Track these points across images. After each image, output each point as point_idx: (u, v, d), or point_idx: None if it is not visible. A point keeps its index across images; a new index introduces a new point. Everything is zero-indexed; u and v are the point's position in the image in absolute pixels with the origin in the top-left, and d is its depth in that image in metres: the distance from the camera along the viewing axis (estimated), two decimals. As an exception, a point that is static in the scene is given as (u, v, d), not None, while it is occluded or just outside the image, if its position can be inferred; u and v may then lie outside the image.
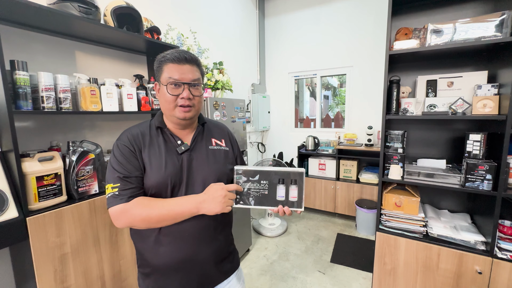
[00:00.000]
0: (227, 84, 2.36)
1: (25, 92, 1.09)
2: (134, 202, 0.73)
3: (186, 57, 0.77)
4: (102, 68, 1.67)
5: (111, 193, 0.74)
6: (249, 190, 0.82)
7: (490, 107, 1.36)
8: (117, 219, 0.73)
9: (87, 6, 1.27)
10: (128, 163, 0.76)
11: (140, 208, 0.72)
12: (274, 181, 0.81)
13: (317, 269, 2.28)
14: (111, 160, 0.78)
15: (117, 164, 0.76)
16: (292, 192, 0.81)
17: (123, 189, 0.73)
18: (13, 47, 1.25)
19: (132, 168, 0.76)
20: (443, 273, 1.47)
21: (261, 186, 0.81)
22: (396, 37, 1.65)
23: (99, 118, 1.66)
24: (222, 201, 0.73)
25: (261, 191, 0.81)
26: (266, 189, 0.81)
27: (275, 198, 0.81)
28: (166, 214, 0.72)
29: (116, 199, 0.73)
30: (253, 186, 0.82)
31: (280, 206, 0.80)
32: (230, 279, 0.92)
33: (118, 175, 0.74)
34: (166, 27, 2.09)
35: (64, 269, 1.18)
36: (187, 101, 0.77)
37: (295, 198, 0.81)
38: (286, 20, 3.85)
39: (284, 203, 0.81)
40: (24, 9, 1.08)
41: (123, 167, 0.75)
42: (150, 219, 0.72)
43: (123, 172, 0.75)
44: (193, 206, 0.74)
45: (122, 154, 0.77)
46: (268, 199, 0.81)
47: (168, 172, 0.77)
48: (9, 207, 1.02)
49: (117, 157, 0.77)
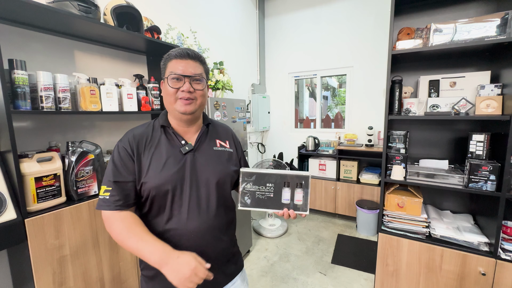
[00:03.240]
0: (228, 84, 2.34)
1: (24, 92, 1.07)
2: (120, 217, 0.73)
3: (188, 53, 0.79)
4: (102, 67, 1.65)
5: (102, 196, 0.75)
6: (254, 193, 0.82)
7: (494, 107, 1.35)
8: (104, 222, 0.76)
9: (87, 5, 1.26)
10: (123, 167, 0.76)
11: (120, 229, 0.72)
12: (279, 184, 0.81)
13: (318, 270, 2.27)
14: (110, 161, 0.78)
15: (113, 166, 0.77)
16: (298, 195, 0.81)
17: (112, 195, 0.74)
18: (12, 46, 1.24)
19: (126, 172, 0.76)
20: (446, 275, 1.46)
21: (267, 189, 0.82)
22: (398, 37, 1.65)
23: (99, 118, 1.64)
24: (182, 279, 0.64)
25: (266, 193, 0.82)
26: (272, 192, 0.81)
27: (280, 201, 0.81)
28: (135, 251, 0.71)
29: (104, 204, 0.74)
30: (258, 189, 0.82)
31: (285, 209, 0.80)
32: (234, 281, 0.90)
33: (111, 179, 0.75)
34: (166, 27, 2.07)
35: (63, 272, 1.16)
36: (187, 94, 0.77)
37: (300, 202, 0.81)
38: (286, 20, 3.84)
39: (289, 206, 0.81)
40: (23, 7, 1.06)
41: (117, 171, 0.76)
42: (123, 244, 0.72)
43: (116, 176, 0.75)
44: (157, 261, 0.67)
45: (120, 157, 0.77)
46: (273, 202, 0.81)
47: (168, 173, 0.76)
48: (7, 208, 1.01)
49: (115, 159, 0.77)
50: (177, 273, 0.64)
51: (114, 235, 0.73)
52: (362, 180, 3.11)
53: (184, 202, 0.77)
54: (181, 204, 0.77)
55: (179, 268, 0.65)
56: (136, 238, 0.70)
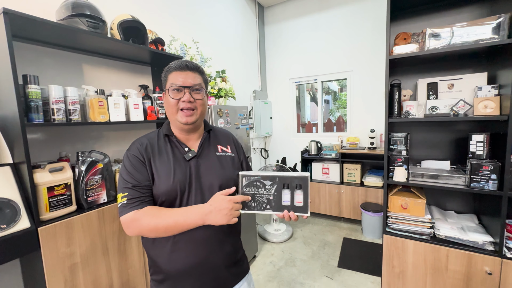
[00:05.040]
0: (230, 91, 2.39)
1: (37, 105, 1.12)
2: (143, 212, 0.75)
3: (187, 64, 0.83)
4: (109, 79, 1.71)
5: (121, 203, 0.77)
6: (254, 196, 0.81)
7: (492, 108, 1.38)
8: (127, 227, 0.76)
9: (95, 21, 1.32)
10: (137, 173, 0.79)
11: (149, 218, 0.74)
12: (279, 186, 0.80)
13: (324, 275, 2.26)
14: (122, 171, 0.81)
15: (126, 174, 0.79)
16: (298, 197, 0.80)
17: (132, 198, 0.76)
18: (25, 62, 1.30)
19: (141, 177, 0.79)
20: (453, 275, 1.46)
21: (266, 192, 0.81)
22: (395, 42, 1.69)
23: (107, 128, 1.69)
24: (228, 213, 0.73)
25: (266, 196, 0.81)
26: (271, 194, 0.80)
27: (281, 203, 0.80)
28: (173, 226, 0.73)
29: (126, 208, 0.76)
30: (258, 192, 0.81)
31: (286, 211, 0.79)
32: (241, 284, 0.92)
33: (127, 185, 0.77)
34: (170, 38, 2.14)
35: (74, 279, 1.18)
36: (187, 104, 0.80)
37: (301, 203, 0.80)
38: (286, 27, 3.92)
39: (290, 208, 0.80)
40: (36, 25, 1.13)
41: (132, 177, 0.78)
42: (158, 229, 0.74)
43: (132, 182, 0.78)
44: (199, 218, 0.74)
45: (132, 164, 0.80)
46: (273, 204, 0.80)
47: (176, 180, 0.80)
48: (22, 217, 1.04)
49: (127, 167, 0.80)
50: (221, 212, 0.72)
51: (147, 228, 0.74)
52: (366, 183, 3.11)
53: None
54: None
55: (219, 208, 0.73)
56: (169, 214, 0.74)
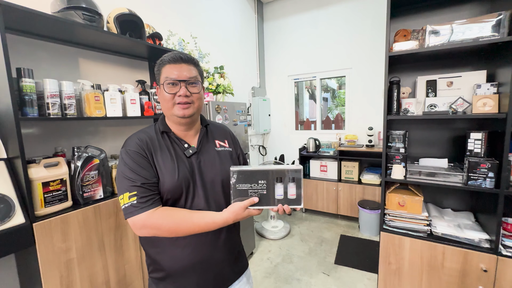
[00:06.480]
0: (228, 88, 2.38)
1: (31, 99, 1.10)
2: (159, 213, 0.72)
3: (181, 56, 0.78)
4: (105, 74, 1.69)
5: (128, 203, 0.71)
6: (246, 191, 0.79)
7: (490, 106, 1.38)
8: (140, 229, 0.71)
9: (91, 14, 1.30)
10: (143, 170, 0.74)
11: (167, 220, 0.71)
12: (271, 180, 0.79)
13: (321, 271, 2.28)
14: (122, 169, 0.74)
15: (130, 172, 0.73)
16: (291, 189, 0.80)
17: (143, 197, 0.71)
18: (19, 55, 1.27)
19: (148, 174, 0.74)
20: (448, 272, 1.47)
21: (259, 186, 0.79)
22: (395, 38, 1.68)
23: (103, 124, 1.67)
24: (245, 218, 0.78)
25: (260, 191, 0.79)
26: (265, 188, 0.79)
27: (274, 197, 0.80)
28: (197, 229, 0.74)
29: (136, 208, 0.70)
30: (250, 187, 0.79)
31: (280, 205, 0.79)
32: (241, 279, 0.93)
33: (134, 184, 0.72)
34: (167, 33, 2.11)
35: (69, 275, 1.18)
36: (184, 98, 0.77)
37: (294, 196, 0.80)
38: (285, 24, 3.89)
39: (283, 202, 0.80)
40: (30, 17, 1.10)
41: (138, 174, 0.73)
42: (179, 231, 0.72)
43: (139, 180, 0.72)
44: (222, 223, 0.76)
45: (134, 161, 0.74)
46: (267, 198, 0.80)
47: (181, 176, 0.77)
48: (16, 213, 1.03)
49: (129, 164, 0.74)
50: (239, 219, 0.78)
51: (166, 229, 0.71)
52: (364, 180, 3.12)
53: (195, 203, 0.80)
54: (192, 205, 0.79)
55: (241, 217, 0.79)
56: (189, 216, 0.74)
